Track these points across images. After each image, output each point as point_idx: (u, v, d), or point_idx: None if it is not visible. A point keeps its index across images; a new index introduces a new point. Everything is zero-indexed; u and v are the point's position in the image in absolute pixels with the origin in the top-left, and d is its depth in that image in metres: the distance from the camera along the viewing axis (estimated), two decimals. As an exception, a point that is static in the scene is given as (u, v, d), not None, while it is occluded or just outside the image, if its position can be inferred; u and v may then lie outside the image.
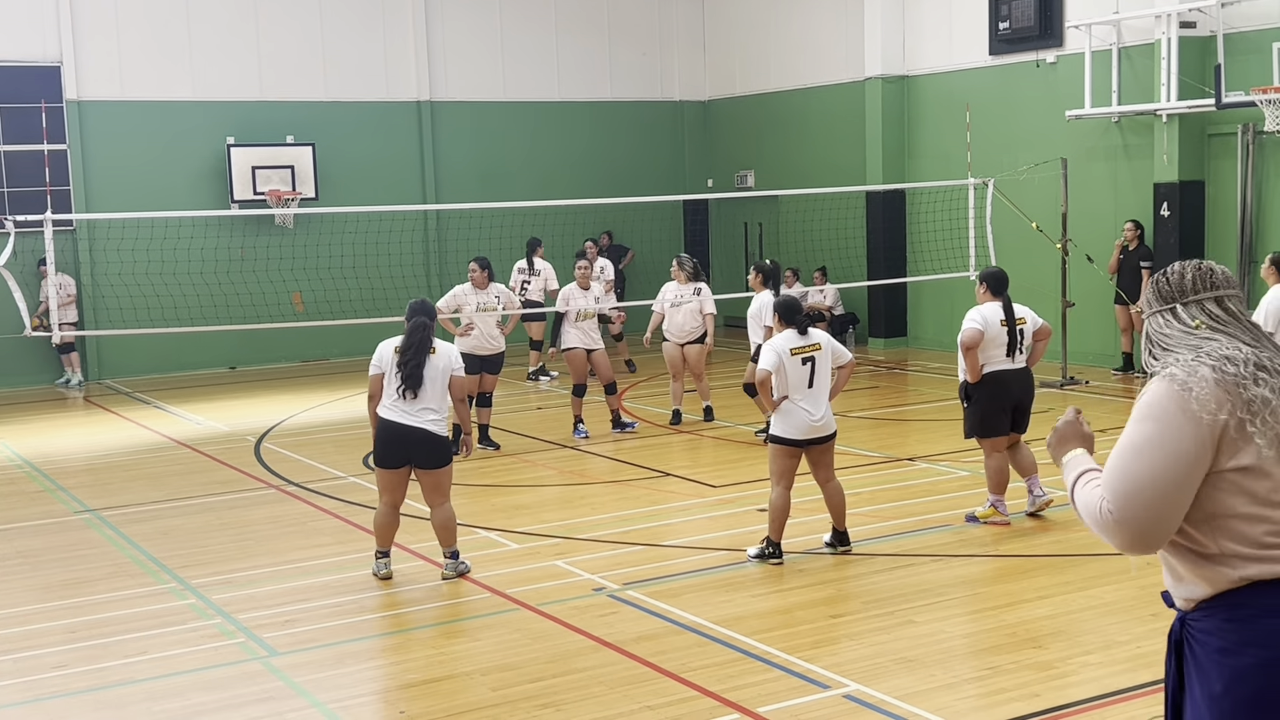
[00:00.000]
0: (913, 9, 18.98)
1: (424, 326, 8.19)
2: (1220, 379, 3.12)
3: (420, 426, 8.11)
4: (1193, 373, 3.14)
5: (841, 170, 19.87)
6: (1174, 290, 3.34)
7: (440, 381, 8.20)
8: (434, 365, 8.17)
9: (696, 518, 9.88)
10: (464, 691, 6.53)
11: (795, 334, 8.42)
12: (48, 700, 6.60)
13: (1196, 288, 3.32)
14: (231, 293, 18.07)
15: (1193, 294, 3.32)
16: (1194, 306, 3.30)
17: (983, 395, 9.26)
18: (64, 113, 18.59)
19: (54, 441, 14.17)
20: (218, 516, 10.45)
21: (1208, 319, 3.27)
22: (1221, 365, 3.14)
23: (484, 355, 12.42)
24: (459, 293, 12.51)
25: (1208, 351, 3.19)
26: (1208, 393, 3.10)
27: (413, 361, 8.09)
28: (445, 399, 8.27)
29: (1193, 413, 3.09)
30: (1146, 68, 15.64)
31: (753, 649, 6.90)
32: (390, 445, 8.19)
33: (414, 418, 8.11)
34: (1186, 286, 3.33)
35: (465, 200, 20.23)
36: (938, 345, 18.88)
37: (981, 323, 9.16)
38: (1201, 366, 3.15)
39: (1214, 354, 3.17)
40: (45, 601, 8.26)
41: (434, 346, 8.22)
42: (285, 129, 19.80)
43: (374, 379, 8.27)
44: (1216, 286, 3.31)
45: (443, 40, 21.08)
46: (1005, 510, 9.32)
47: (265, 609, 7.94)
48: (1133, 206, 16.01)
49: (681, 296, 13.35)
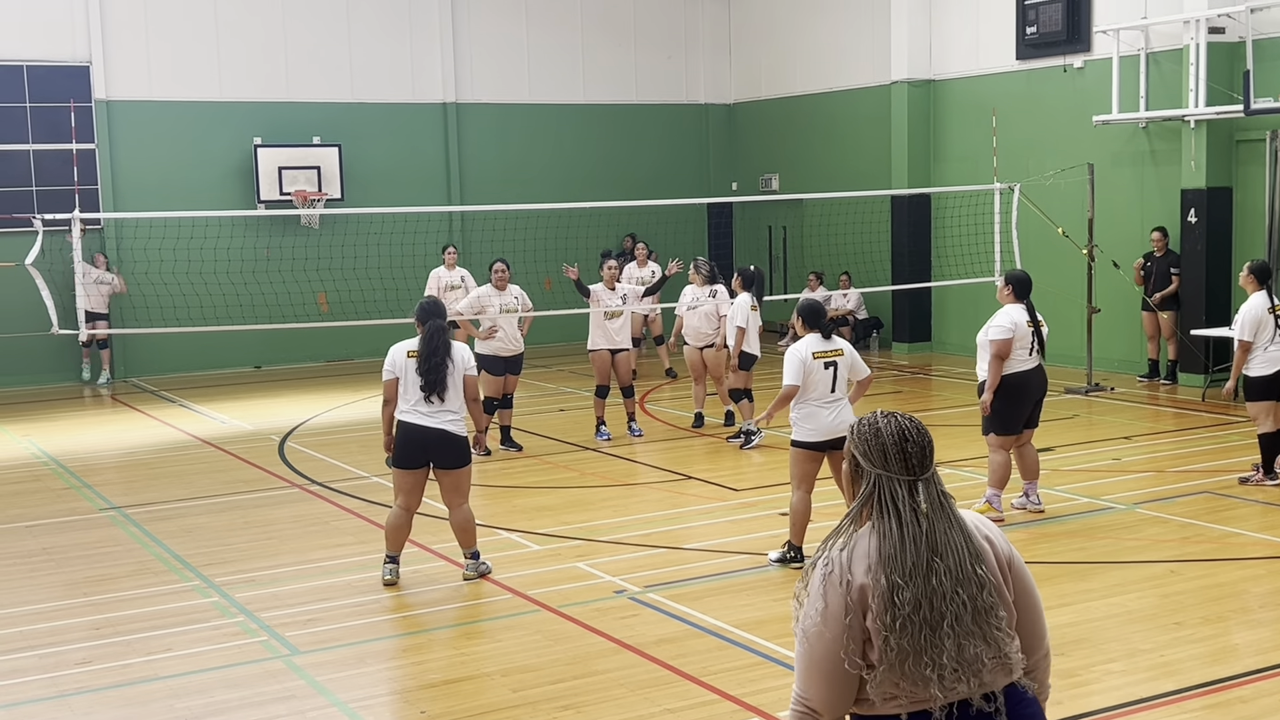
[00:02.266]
0: (939, 13, 18.93)
1: (441, 330, 8.20)
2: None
3: (439, 427, 8.12)
4: None
5: (867, 174, 19.82)
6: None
7: (457, 382, 8.22)
8: (450, 366, 8.19)
9: (718, 521, 9.87)
10: (484, 692, 6.54)
11: (819, 338, 8.40)
12: (72, 696, 6.64)
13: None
14: (257, 292, 18.15)
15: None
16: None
17: (1005, 395, 9.29)
18: (93, 112, 18.71)
19: (81, 439, 14.26)
20: (242, 515, 10.50)
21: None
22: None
23: (507, 356, 12.45)
24: (482, 294, 12.53)
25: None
26: None
27: (435, 366, 8.10)
28: (461, 399, 8.28)
29: None
30: (1174, 73, 15.55)
31: (774, 653, 6.89)
32: (410, 447, 8.18)
33: (433, 419, 8.13)
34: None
35: (489, 202, 20.26)
36: (962, 350, 18.80)
37: (1012, 328, 9.24)
38: None
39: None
40: (70, 598, 8.32)
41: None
42: (312, 130, 19.89)
43: (388, 384, 8.24)
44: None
45: (469, 42, 21.13)
46: (1000, 506, 9.41)
47: (288, 608, 7.97)
48: (1160, 213, 15.92)
49: (698, 299, 13.33)
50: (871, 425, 3.30)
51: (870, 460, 3.24)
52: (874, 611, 3.07)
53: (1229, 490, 10.13)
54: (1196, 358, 15.18)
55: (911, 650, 3.05)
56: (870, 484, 3.22)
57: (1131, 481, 10.69)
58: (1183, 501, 9.99)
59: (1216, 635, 7.10)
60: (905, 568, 3.08)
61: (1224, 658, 6.68)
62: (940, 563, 3.09)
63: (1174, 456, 11.79)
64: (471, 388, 8.34)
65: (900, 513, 3.15)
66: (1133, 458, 11.76)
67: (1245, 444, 11.59)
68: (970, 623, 3.08)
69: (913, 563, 3.09)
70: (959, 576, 3.10)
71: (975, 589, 3.11)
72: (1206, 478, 10.71)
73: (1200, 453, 11.89)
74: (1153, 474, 11.12)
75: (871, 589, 3.08)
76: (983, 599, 3.11)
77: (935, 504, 3.19)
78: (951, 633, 3.06)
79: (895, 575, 3.07)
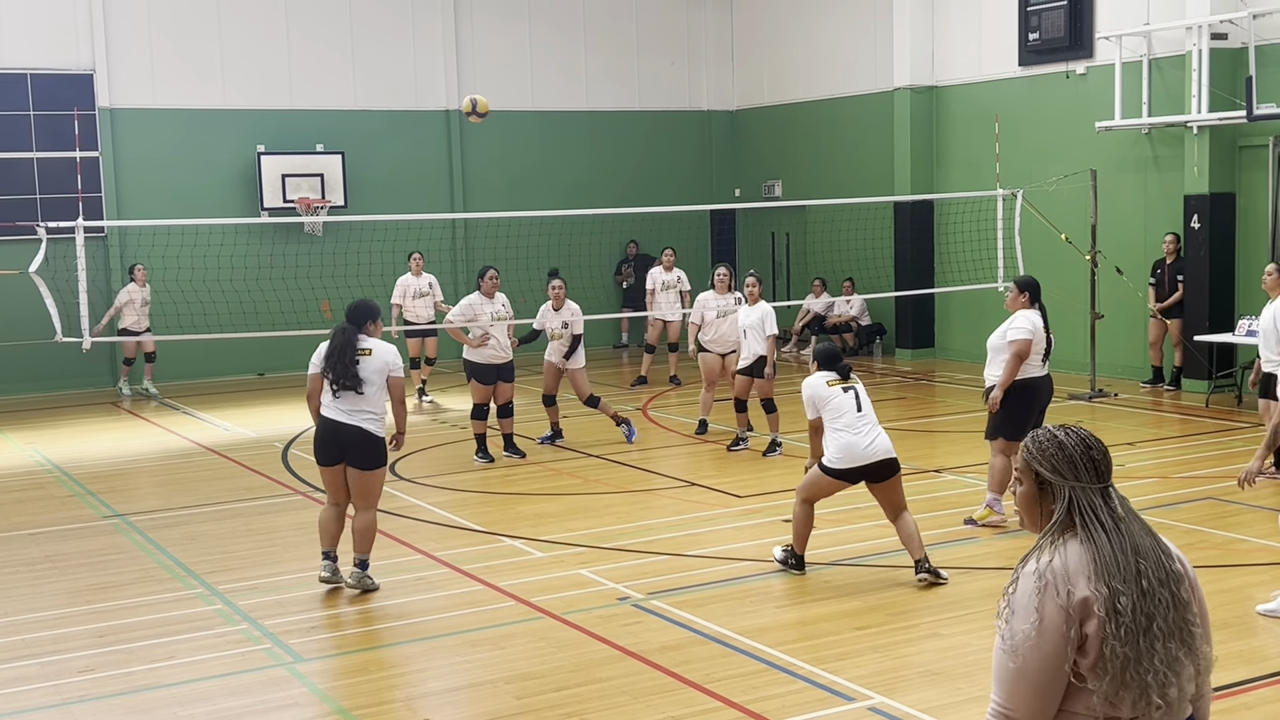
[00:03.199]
0: (942, 19, 18.94)
1: (342, 332, 8.26)
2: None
3: (354, 424, 8.16)
4: None
5: (869, 180, 19.83)
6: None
7: (378, 382, 8.22)
8: (369, 366, 8.19)
9: (721, 528, 9.86)
10: (488, 699, 6.54)
11: (833, 374, 8.30)
12: (75, 704, 6.64)
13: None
14: (260, 300, 18.16)
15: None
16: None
17: (1018, 400, 9.31)
18: (96, 120, 18.75)
19: (83, 446, 14.27)
20: (245, 522, 10.50)
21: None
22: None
23: (499, 364, 12.47)
24: (473, 303, 12.53)
25: None
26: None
27: (337, 366, 8.16)
28: (383, 399, 8.28)
29: None
30: (1177, 79, 15.55)
31: (777, 660, 6.88)
32: (325, 442, 8.26)
33: (351, 416, 8.17)
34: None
35: (493, 209, 20.30)
36: (965, 356, 18.81)
37: (1032, 331, 9.27)
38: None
39: None
40: (73, 606, 8.32)
41: (368, 348, 8.24)
42: (315, 137, 19.91)
43: (311, 378, 8.33)
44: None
45: (472, 49, 21.16)
46: (1001, 510, 9.44)
47: (291, 615, 7.97)
48: (1163, 218, 15.93)
49: (723, 308, 13.29)
50: (1052, 440, 3.31)
51: (1060, 474, 3.27)
52: (1099, 620, 3.12)
53: (1233, 496, 10.11)
54: (1200, 363, 15.17)
55: (1132, 657, 3.12)
56: (1065, 498, 3.26)
57: (1135, 488, 10.67)
58: (1187, 508, 9.98)
59: (1221, 642, 7.06)
60: (1122, 574, 3.16)
61: (1228, 664, 6.66)
62: (1145, 564, 3.19)
63: (1178, 462, 11.78)
64: (397, 389, 8.34)
65: (1103, 521, 3.22)
66: (1136, 464, 11.74)
67: (1249, 450, 11.57)
68: (1172, 621, 3.17)
69: (1125, 568, 3.17)
70: (1161, 576, 3.19)
71: (1174, 585, 3.21)
72: (1210, 484, 10.70)
73: (1204, 459, 11.88)
74: (1157, 480, 11.11)
75: (1095, 599, 3.14)
76: (1180, 594, 3.20)
77: (1127, 507, 3.28)
78: (1160, 634, 3.14)
79: (1115, 583, 3.15)
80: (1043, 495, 3.31)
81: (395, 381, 8.31)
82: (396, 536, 9.71)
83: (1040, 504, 3.31)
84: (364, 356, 8.20)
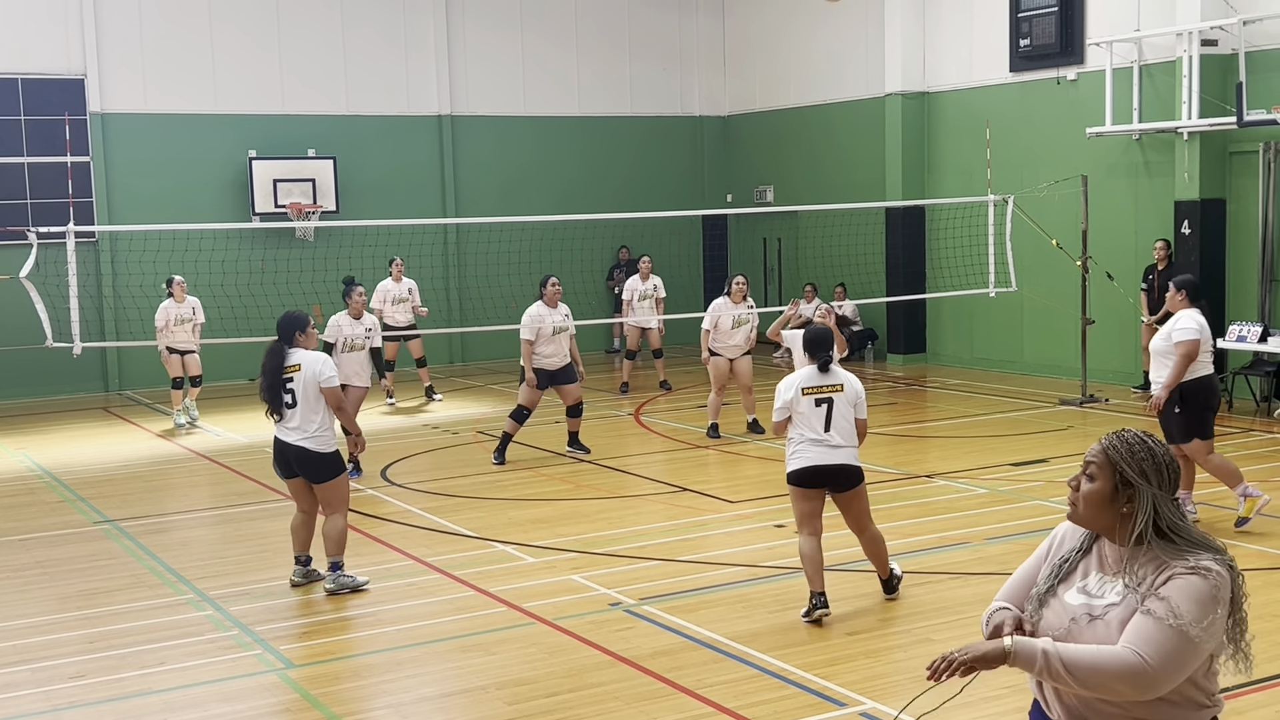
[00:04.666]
0: (933, 25, 18.98)
1: (271, 354, 8.28)
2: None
3: (296, 444, 8.20)
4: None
5: (861, 186, 19.86)
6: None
7: (311, 396, 8.21)
8: (299, 381, 8.21)
9: (713, 533, 9.86)
10: (479, 705, 6.53)
11: (815, 371, 7.72)
12: (66, 710, 6.62)
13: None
14: (252, 305, 18.13)
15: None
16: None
17: (1194, 399, 9.28)
18: (87, 125, 18.72)
19: (74, 452, 14.24)
20: (236, 528, 10.48)
21: None
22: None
23: (553, 370, 12.55)
24: (538, 314, 12.49)
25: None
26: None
27: (267, 386, 8.22)
28: (319, 412, 8.23)
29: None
30: (1168, 85, 15.59)
31: (769, 665, 6.88)
32: (277, 459, 8.42)
33: (290, 435, 8.23)
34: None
35: (485, 214, 20.30)
36: (957, 362, 18.83)
37: (1199, 330, 9.21)
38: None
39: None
40: (64, 612, 8.30)
41: (297, 363, 8.24)
42: (307, 142, 19.90)
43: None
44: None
45: (464, 54, 21.16)
46: (1256, 491, 9.35)
47: (282, 621, 7.96)
48: (1153, 224, 15.96)
49: (739, 317, 13.42)
50: (1143, 444, 3.32)
51: (1148, 479, 3.29)
52: (1235, 605, 3.31)
53: (1224, 502, 10.12)
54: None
55: (1242, 632, 3.34)
56: (1149, 504, 3.28)
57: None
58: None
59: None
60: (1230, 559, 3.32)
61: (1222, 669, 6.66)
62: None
63: (1169, 468, 11.77)
64: (331, 397, 8.29)
65: (1184, 524, 3.34)
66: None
67: (1240, 455, 11.61)
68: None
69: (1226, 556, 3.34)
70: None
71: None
72: (1202, 489, 10.71)
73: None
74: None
75: (1234, 587, 3.30)
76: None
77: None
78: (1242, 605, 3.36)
79: (1238, 576, 3.32)
80: (1115, 497, 3.30)
81: (327, 392, 8.26)
82: (387, 542, 9.70)
83: (1112, 504, 3.31)
84: (294, 373, 8.22)
